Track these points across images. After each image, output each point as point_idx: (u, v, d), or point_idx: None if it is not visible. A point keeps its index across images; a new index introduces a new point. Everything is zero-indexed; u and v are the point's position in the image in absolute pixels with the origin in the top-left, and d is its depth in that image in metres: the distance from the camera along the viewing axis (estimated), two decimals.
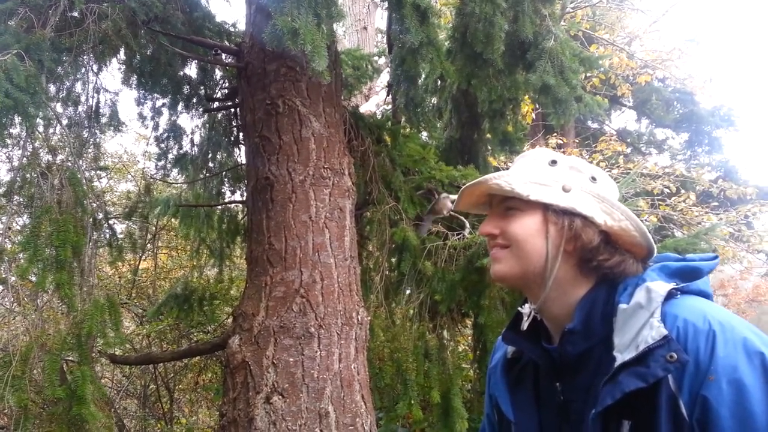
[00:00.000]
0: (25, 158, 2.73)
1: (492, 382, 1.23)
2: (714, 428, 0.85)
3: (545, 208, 1.04)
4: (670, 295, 0.95)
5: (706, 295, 1.00)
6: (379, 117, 4.77)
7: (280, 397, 2.36)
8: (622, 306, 0.97)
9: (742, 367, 0.86)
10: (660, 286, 0.95)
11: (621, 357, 0.92)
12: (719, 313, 0.93)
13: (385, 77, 6.65)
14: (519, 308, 1.16)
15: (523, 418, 1.10)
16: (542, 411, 1.09)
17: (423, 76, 4.11)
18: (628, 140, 9.72)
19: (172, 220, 5.71)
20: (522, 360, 1.17)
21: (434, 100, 4.72)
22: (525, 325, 1.13)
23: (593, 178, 1.07)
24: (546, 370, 1.09)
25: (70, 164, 2.90)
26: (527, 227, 1.05)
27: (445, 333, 3.56)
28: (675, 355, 0.88)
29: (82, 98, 3.52)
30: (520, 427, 1.10)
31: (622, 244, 1.04)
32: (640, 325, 0.93)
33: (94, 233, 3.67)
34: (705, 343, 0.89)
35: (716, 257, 1.05)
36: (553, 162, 1.09)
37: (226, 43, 3.70)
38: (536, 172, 1.07)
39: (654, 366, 0.89)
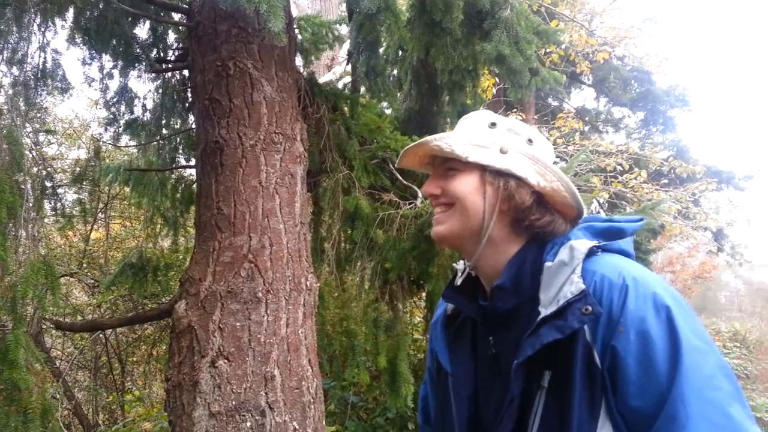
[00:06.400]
0: None
1: (433, 337, 1.28)
2: (620, 376, 0.90)
3: (483, 169, 1.07)
4: (591, 253, 0.99)
5: (627, 254, 1.05)
6: (339, 86, 4.70)
7: (226, 360, 2.35)
8: (548, 264, 1.01)
9: (650, 319, 0.90)
10: (582, 244, 0.99)
11: (544, 311, 0.96)
12: (634, 269, 0.97)
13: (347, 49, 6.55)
14: (454, 264, 1.20)
15: (460, 371, 1.14)
16: (478, 364, 1.13)
17: (384, 45, 4.06)
18: (587, 118, 9.88)
19: (125, 189, 5.55)
20: (461, 316, 1.21)
21: (395, 71, 4.68)
22: (459, 281, 1.17)
23: (530, 140, 1.11)
24: (481, 325, 1.13)
25: (12, 123, 2.75)
26: (466, 185, 1.07)
27: (399, 305, 3.59)
28: (590, 308, 0.92)
29: (27, 58, 3.34)
30: (457, 378, 1.14)
31: (554, 205, 1.07)
32: (562, 282, 0.97)
33: (43, 200, 3.51)
34: (618, 296, 0.93)
35: (641, 219, 1.10)
36: (493, 124, 1.12)
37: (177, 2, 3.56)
38: (476, 134, 1.10)
39: (571, 318, 0.93)
